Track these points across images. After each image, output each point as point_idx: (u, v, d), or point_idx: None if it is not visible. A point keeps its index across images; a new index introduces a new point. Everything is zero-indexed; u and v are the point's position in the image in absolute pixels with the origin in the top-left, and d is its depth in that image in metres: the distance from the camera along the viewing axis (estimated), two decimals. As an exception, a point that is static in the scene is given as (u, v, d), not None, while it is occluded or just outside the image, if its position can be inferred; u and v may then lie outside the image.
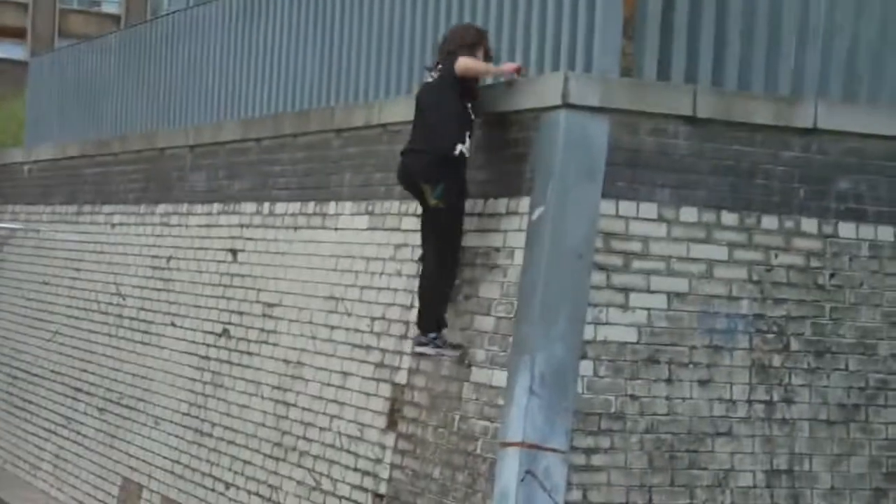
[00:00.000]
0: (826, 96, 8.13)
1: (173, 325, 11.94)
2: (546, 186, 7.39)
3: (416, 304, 8.11)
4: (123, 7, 57.01)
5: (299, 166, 10.32)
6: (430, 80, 8.02)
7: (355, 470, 8.79)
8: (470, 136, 7.78)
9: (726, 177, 7.64)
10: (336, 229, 9.61)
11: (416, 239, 8.47)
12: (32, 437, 14.94)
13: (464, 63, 7.74)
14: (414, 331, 8.19)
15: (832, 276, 7.86)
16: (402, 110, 8.81)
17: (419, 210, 8.27)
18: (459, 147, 7.70)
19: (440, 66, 7.93)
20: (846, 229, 7.90)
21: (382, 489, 8.45)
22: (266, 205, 10.70)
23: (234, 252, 11.09)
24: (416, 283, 8.30)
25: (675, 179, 7.53)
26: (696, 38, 7.95)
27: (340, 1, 10.48)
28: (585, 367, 7.27)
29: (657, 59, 7.86)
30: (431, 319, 7.91)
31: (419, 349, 7.99)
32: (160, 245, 12.54)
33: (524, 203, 7.58)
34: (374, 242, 9.09)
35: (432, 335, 7.88)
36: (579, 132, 7.38)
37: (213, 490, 10.79)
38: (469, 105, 7.82)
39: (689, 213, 7.55)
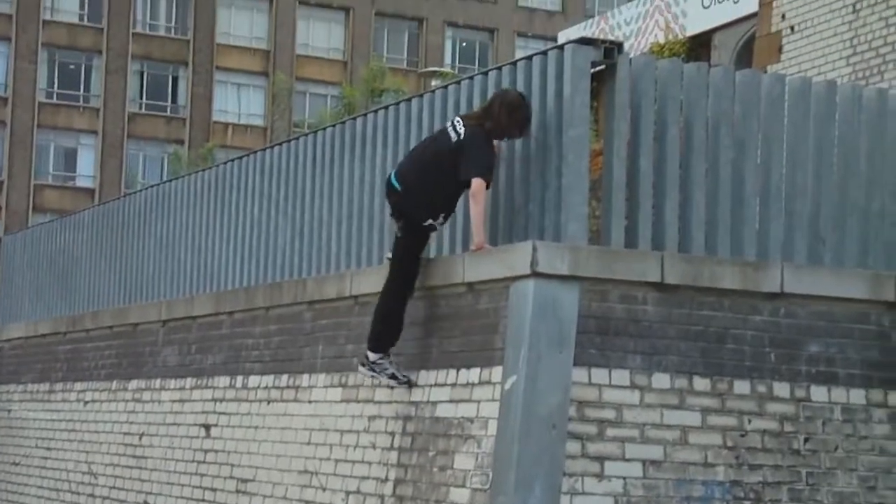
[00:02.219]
0: (791, 260, 8.22)
1: (146, 503, 11.76)
2: (518, 356, 7.39)
3: (388, 465, 8.37)
4: (98, 181, 57.53)
5: (272, 339, 10.31)
6: (451, 133, 8.15)
7: None
8: (446, 217, 8.26)
9: (697, 342, 7.66)
10: (310, 402, 9.56)
11: (390, 410, 8.44)
12: None
13: (477, 190, 7.88)
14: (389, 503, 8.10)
15: (807, 440, 7.83)
16: (373, 281, 8.85)
17: (391, 382, 8.31)
18: (430, 221, 8.17)
19: (465, 130, 8.07)
20: (818, 393, 7.91)
21: None
22: (239, 378, 10.65)
23: (207, 427, 10.99)
24: (390, 455, 8.24)
25: (646, 346, 7.55)
26: (661, 204, 8.05)
27: (311, 173, 10.60)
28: (563, 538, 7.18)
29: (624, 225, 7.95)
30: (374, 338, 8.34)
31: (361, 370, 8.44)
32: (132, 421, 12.42)
33: (497, 373, 7.57)
34: (348, 415, 9.03)
35: (376, 356, 8.28)
36: (549, 301, 7.42)
37: None
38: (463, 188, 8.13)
39: (661, 380, 7.55)
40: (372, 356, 8.33)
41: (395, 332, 8.29)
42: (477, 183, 7.90)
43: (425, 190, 8.12)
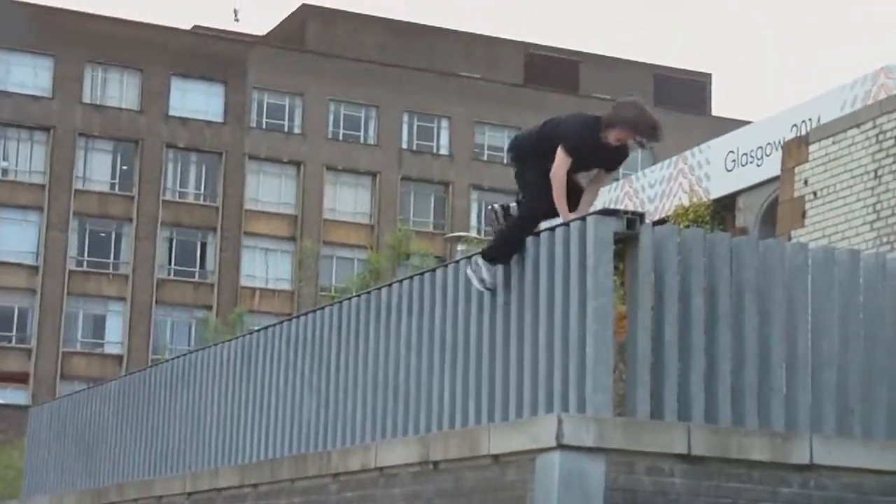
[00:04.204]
0: (820, 430, 8.13)
1: None
2: (545, 530, 7.28)
3: None
4: (126, 347, 57.77)
5: (297, 512, 10.19)
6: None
7: None
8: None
9: (727, 515, 7.54)
10: (334, 577, 9.40)
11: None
12: None
13: (556, 170, 8.54)
14: None
15: None
16: (398, 453, 8.79)
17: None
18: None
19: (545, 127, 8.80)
20: (851, 566, 7.75)
21: None
22: (263, 552, 10.51)
23: None
24: None
25: (675, 519, 7.44)
26: (687, 373, 8.01)
27: (336, 344, 10.61)
28: None
29: (650, 396, 7.90)
30: (490, 248, 8.76)
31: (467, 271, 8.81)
32: None
33: (524, 547, 7.45)
34: (373, 590, 8.88)
35: (483, 260, 8.66)
36: (575, 473, 7.34)
37: None
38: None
39: (691, 554, 7.42)
40: (481, 260, 8.70)
41: (509, 252, 8.64)
42: (558, 152, 8.49)
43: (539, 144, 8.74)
